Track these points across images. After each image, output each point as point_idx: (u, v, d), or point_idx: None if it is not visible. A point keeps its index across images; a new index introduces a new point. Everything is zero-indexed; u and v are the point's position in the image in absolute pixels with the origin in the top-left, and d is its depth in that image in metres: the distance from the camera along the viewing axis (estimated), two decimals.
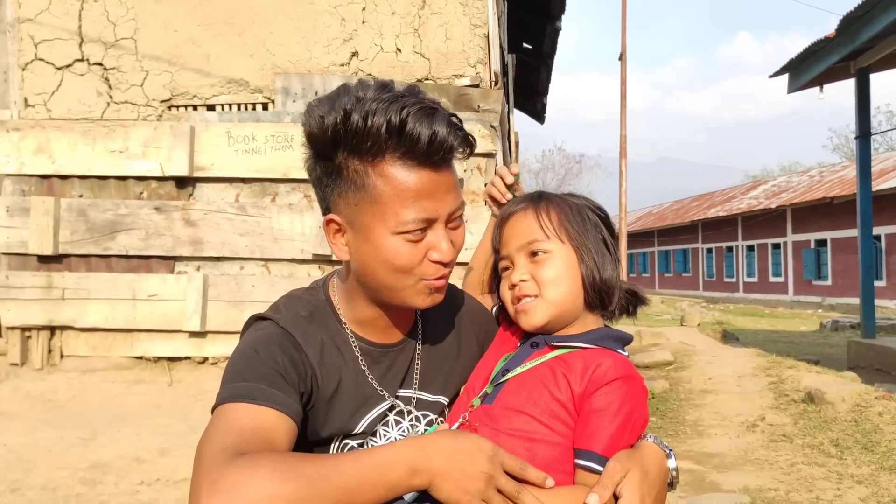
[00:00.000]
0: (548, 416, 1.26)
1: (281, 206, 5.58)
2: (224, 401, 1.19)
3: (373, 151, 1.20)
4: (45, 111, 5.83)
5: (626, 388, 1.26)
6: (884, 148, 37.82)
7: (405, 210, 1.22)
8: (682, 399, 6.73)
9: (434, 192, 1.24)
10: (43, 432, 4.64)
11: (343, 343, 1.38)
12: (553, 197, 1.40)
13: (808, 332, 15.50)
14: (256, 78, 5.79)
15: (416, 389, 1.43)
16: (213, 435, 1.11)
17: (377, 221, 1.24)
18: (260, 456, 1.04)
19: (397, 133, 1.19)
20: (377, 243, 1.25)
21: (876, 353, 8.79)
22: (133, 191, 5.73)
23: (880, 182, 22.17)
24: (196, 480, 1.02)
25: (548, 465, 1.24)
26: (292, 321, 1.34)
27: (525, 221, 1.37)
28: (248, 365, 1.24)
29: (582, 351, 1.32)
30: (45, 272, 5.62)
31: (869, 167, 9.95)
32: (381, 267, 1.27)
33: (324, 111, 1.22)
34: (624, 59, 20.80)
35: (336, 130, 1.20)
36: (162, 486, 4.01)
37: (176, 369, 5.55)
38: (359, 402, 1.35)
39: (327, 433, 1.33)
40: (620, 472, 1.19)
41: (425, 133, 1.19)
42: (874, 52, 9.15)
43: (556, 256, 1.34)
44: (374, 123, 1.18)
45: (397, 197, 1.22)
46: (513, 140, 11.09)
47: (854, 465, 4.50)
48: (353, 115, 1.19)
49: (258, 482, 0.99)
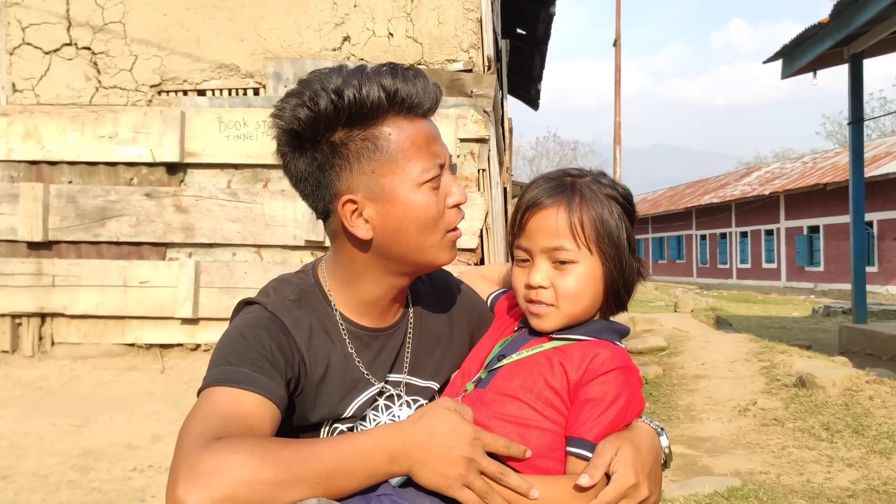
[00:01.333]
0: (541, 403, 1.26)
1: (273, 192, 5.55)
2: (208, 385, 1.18)
3: (374, 114, 1.24)
4: (33, 96, 5.77)
5: (622, 378, 1.26)
6: (876, 134, 37.88)
7: (422, 158, 1.27)
8: (674, 384, 6.76)
9: (436, 138, 1.31)
10: (34, 419, 4.63)
11: (332, 327, 1.37)
12: (586, 191, 1.33)
13: (801, 317, 15.58)
14: (247, 63, 5.74)
15: (406, 374, 1.42)
16: (195, 419, 1.11)
17: (399, 178, 1.26)
18: (238, 440, 1.04)
19: (394, 93, 1.24)
20: (406, 200, 1.27)
21: (867, 338, 8.84)
22: (123, 177, 5.69)
23: (872, 168, 22.22)
24: (175, 464, 1.02)
25: (540, 451, 1.24)
26: (281, 305, 1.34)
27: (555, 221, 1.31)
28: (235, 349, 1.23)
29: (580, 342, 1.32)
30: (34, 259, 5.58)
31: (861, 153, 9.97)
32: (412, 225, 1.29)
33: (305, 99, 1.23)
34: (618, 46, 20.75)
35: (331, 111, 1.22)
36: (154, 473, 4.01)
37: (168, 356, 5.53)
38: (347, 386, 1.35)
39: (316, 418, 1.33)
40: (611, 451, 1.19)
41: (414, 87, 1.26)
42: (867, 37, 9.15)
43: (581, 268, 1.30)
44: (370, 91, 1.22)
45: (412, 147, 1.26)
46: (506, 126, 11.06)
47: (844, 448, 4.53)
48: (344, 91, 1.21)
49: (236, 466, 0.99)
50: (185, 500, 0.97)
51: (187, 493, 0.97)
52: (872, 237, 23.63)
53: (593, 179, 1.36)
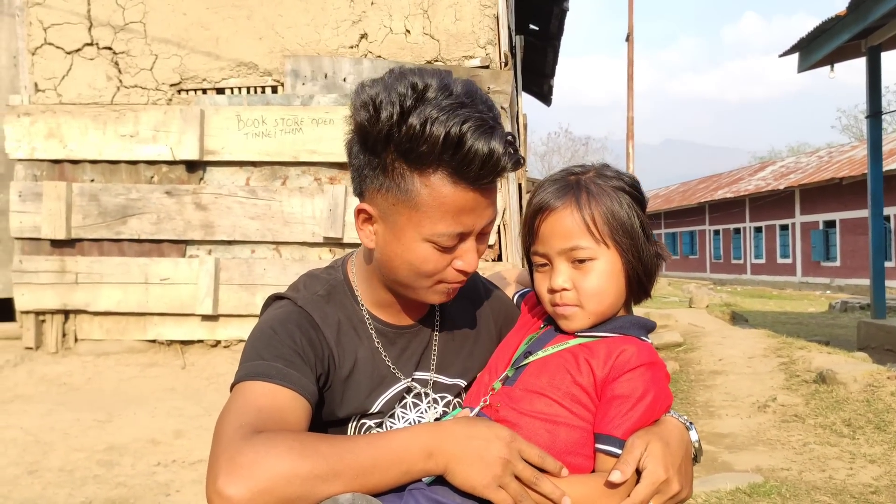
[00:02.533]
0: (569, 400, 1.26)
1: (291, 189, 5.58)
2: (242, 379, 1.20)
3: (424, 161, 1.18)
4: (55, 96, 5.83)
5: (649, 374, 1.26)
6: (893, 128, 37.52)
7: (442, 223, 1.22)
8: (692, 380, 6.74)
9: (475, 208, 1.23)
10: (59, 415, 4.68)
11: (359, 323, 1.38)
12: (592, 187, 1.32)
13: (817, 313, 15.47)
14: (265, 61, 5.77)
15: (432, 372, 1.43)
16: (232, 412, 1.12)
17: (412, 226, 1.23)
18: (278, 434, 1.06)
19: (453, 148, 1.15)
20: (407, 245, 1.25)
21: (887, 334, 8.77)
22: (144, 175, 5.74)
23: (890, 162, 22.02)
24: (214, 456, 1.03)
25: (569, 448, 1.25)
26: (311, 300, 1.35)
27: (567, 222, 1.30)
28: (267, 344, 1.25)
29: (606, 339, 1.32)
30: (58, 257, 5.64)
31: (880, 146, 9.88)
32: (403, 266, 1.28)
33: (379, 101, 1.17)
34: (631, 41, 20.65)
35: (391, 129, 1.17)
36: (178, 468, 4.05)
37: (189, 352, 5.58)
38: (375, 382, 1.36)
39: (344, 413, 1.34)
40: (641, 446, 1.19)
41: (481, 154, 1.16)
42: (885, 29, 9.06)
43: (601, 264, 1.30)
44: (431, 132, 1.14)
45: (437, 210, 1.20)
46: (521, 122, 11.05)
47: (867, 444, 4.51)
48: (411, 117, 1.15)
49: (276, 459, 1.01)
50: (225, 491, 0.98)
51: (227, 485, 0.98)
52: (890, 232, 23.41)
53: (597, 174, 1.35)
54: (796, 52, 10.40)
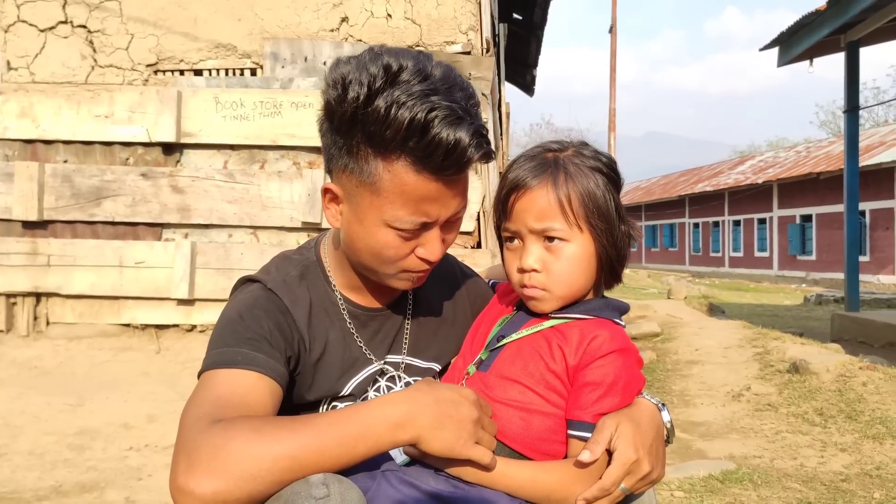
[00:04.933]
0: (543, 387, 1.26)
1: (270, 173, 5.52)
2: (206, 368, 1.18)
3: (388, 146, 1.15)
4: (28, 74, 5.72)
5: (620, 361, 1.26)
6: (870, 124, 37.95)
7: (404, 210, 1.19)
8: (668, 370, 6.79)
9: (439, 198, 1.20)
10: (29, 398, 4.62)
11: (331, 305, 1.37)
12: (570, 167, 1.29)
13: (792, 305, 15.65)
14: (244, 43, 5.70)
15: (405, 355, 1.42)
16: (192, 404, 1.11)
17: (373, 210, 1.21)
18: (234, 422, 1.03)
19: (418, 134, 1.12)
20: (368, 229, 1.23)
21: (859, 326, 8.89)
22: (119, 157, 5.64)
23: (866, 158, 22.29)
24: (175, 452, 1.02)
25: (543, 435, 1.24)
26: (281, 283, 1.33)
27: (541, 199, 1.28)
28: (233, 331, 1.23)
29: (579, 321, 1.31)
30: (29, 238, 5.54)
31: (857, 141, 9.98)
32: (365, 250, 1.26)
33: (349, 80, 1.14)
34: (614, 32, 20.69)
35: (356, 110, 1.14)
36: (150, 452, 4.01)
37: (164, 337, 5.52)
38: (346, 364, 1.35)
39: (315, 396, 1.32)
40: (611, 427, 1.19)
41: (445, 143, 1.13)
42: (864, 25, 9.14)
43: (573, 247, 1.28)
44: (396, 117, 1.11)
45: (399, 197, 1.18)
46: (503, 111, 11.03)
47: (838, 433, 4.57)
48: (378, 99, 1.12)
49: (234, 449, 0.99)
50: (186, 487, 0.97)
51: (188, 481, 0.97)
52: (865, 227, 23.72)
53: (575, 152, 1.33)
54: (776, 47, 10.47)
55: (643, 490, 1.23)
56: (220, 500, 0.97)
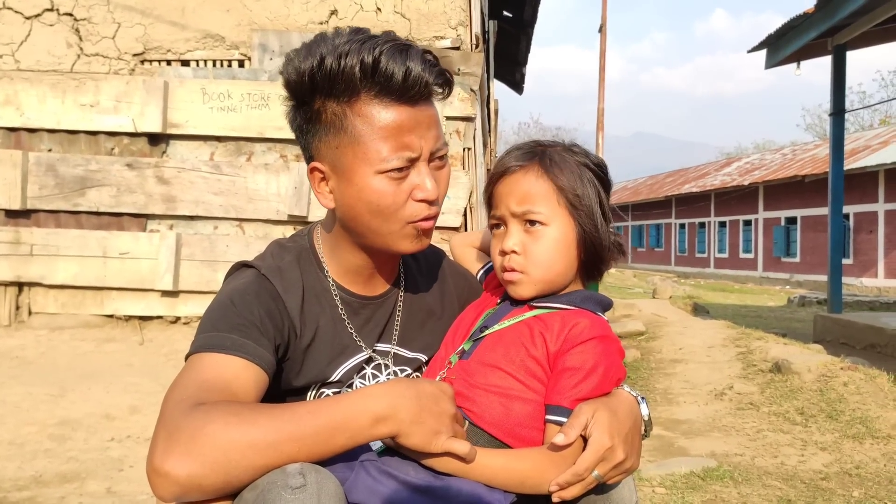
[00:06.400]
0: (523, 373, 1.26)
1: (256, 165, 5.49)
2: (194, 351, 1.18)
3: (348, 92, 1.20)
4: (13, 62, 5.66)
5: (601, 348, 1.26)
6: (854, 128, 38.28)
7: (386, 147, 1.21)
8: (652, 368, 6.82)
9: (414, 128, 1.23)
10: (10, 388, 4.57)
11: (323, 292, 1.37)
12: (555, 156, 1.32)
13: (776, 307, 15.77)
14: (233, 34, 5.66)
15: (394, 344, 1.42)
16: (177, 386, 1.11)
17: (359, 162, 1.22)
18: (215, 406, 1.03)
19: (371, 72, 1.19)
20: (360, 184, 1.23)
21: (842, 328, 8.98)
22: (104, 146, 5.60)
23: (850, 162, 22.47)
24: (155, 431, 1.03)
25: (522, 421, 1.25)
26: (276, 269, 1.33)
27: (524, 183, 1.31)
28: (223, 315, 1.23)
29: (561, 311, 1.32)
30: (12, 227, 5.49)
31: (842, 144, 10.06)
32: (364, 209, 1.26)
33: (300, 58, 1.22)
34: (604, 31, 20.71)
35: (312, 75, 1.20)
36: (133, 444, 3.98)
37: (147, 328, 5.49)
38: (336, 350, 1.35)
39: (303, 382, 1.33)
40: (587, 412, 1.19)
41: (399, 69, 1.19)
42: (851, 28, 9.21)
43: (552, 230, 1.30)
44: (347, 64, 1.18)
45: (377, 134, 1.21)
46: (492, 107, 11.04)
47: (818, 432, 4.60)
48: (326, 58, 1.19)
49: (212, 433, 0.99)
50: (162, 467, 0.98)
51: (164, 462, 0.98)
52: (848, 230, 23.93)
53: (565, 148, 1.36)
54: (764, 49, 10.53)
55: (617, 480, 1.23)
56: (195, 483, 0.97)
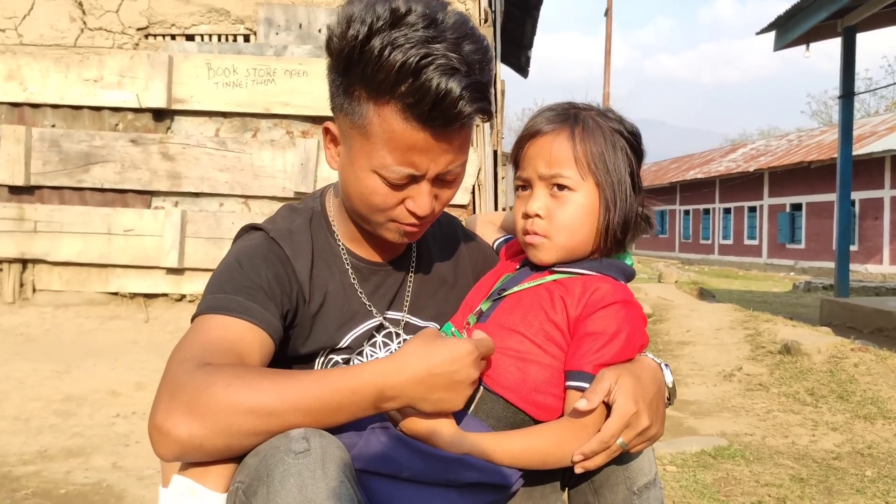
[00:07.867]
0: (542, 338, 1.23)
1: (262, 141, 5.44)
2: (201, 312, 1.15)
3: (380, 89, 1.11)
4: (15, 36, 5.59)
5: (623, 312, 1.22)
6: (860, 114, 38.08)
7: (391, 158, 1.16)
8: (660, 350, 6.78)
9: (429, 151, 1.16)
10: (15, 364, 4.55)
11: (334, 257, 1.33)
12: (589, 121, 1.28)
13: (781, 292, 15.72)
14: (238, 8, 5.59)
15: (405, 312, 1.39)
16: (182, 345, 1.09)
17: (362, 154, 1.18)
18: (220, 368, 1.01)
19: (409, 80, 1.08)
20: (357, 174, 1.20)
21: (849, 312, 8.93)
22: (108, 122, 5.54)
23: (857, 148, 22.33)
24: (159, 389, 1.01)
25: (539, 386, 1.21)
26: (285, 232, 1.30)
27: (554, 146, 1.27)
28: (231, 277, 1.19)
29: (582, 276, 1.28)
30: (16, 203, 5.45)
31: (851, 128, 9.96)
32: (355, 195, 1.23)
33: (353, 18, 1.10)
34: (609, 16, 20.57)
35: (353, 49, 1.11)
36: (138, 420, 3.96)
37: (152, 306, 5.45)
38: (345, 316, 1.31)
39: (311, 348, 1.29)
40: (611, 378, 1.15)
41: (434, 91, 1.08)
42: (862, 9, 9.09)
43: (579, 196, 1.26)
44: (388, 59, 1.08)
45: (386, 143, 1.15)
46: (498, 88, 10.94)
47: (829, 412, 4.56)
48: (374, 39, 1.08)
49: (213, 394, 0.97)
50: (163, 425, 0.96)
51: (166, 420, 0.96)
52: (854, 216, 23.84)
53: (599, 113, 1.31)
54: (773, 31, 10.42)
55: (641, 448, 1.19)
56: (196, 443, 0.96)
